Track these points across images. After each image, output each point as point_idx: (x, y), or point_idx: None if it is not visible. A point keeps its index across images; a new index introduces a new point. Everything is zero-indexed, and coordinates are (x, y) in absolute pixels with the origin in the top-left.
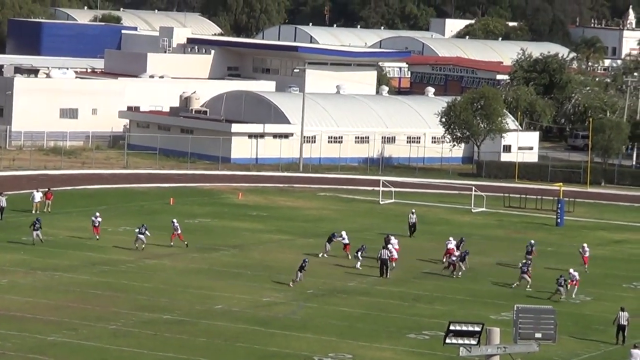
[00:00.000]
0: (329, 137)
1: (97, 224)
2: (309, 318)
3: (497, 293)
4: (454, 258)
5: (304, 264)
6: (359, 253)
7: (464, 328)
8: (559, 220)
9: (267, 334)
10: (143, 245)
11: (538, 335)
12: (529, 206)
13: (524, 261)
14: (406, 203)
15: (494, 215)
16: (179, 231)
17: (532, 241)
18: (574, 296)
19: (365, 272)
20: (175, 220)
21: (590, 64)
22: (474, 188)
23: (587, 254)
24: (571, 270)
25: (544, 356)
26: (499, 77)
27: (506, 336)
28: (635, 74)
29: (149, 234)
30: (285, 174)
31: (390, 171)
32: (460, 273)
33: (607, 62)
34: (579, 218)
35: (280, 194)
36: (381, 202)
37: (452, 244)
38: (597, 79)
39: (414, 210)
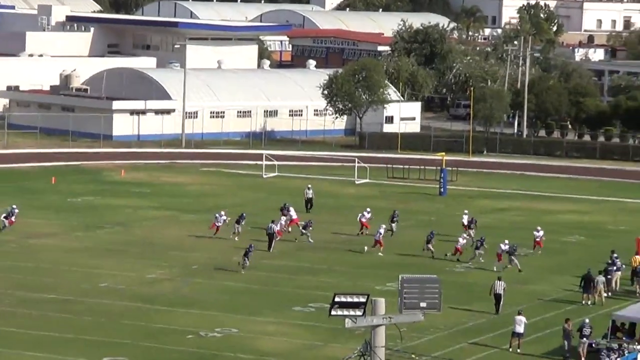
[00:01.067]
0: (211, 112)
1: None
2: (194, 294)
3: (381, 264)
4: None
5: (249, 249)
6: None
7: (349, 299)
8: (442, 189)
9: (152, 310)
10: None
11: (423, 304)
12: (412, 176)
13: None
14: (290, 176)
15: (378, 187)
16: (14, 217)
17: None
18: (539, 253)
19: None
20: (14, 206)
21: (470, 33)
22: (357, 160)
23: (540, 238)
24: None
25: (430, 325)
26: (380, 48)
27: (391, 306)
28: (515, 42)
29: (15, 214)
30: (168, 150)
31: (273, 145)
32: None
33: (487, 31)
34: (462, 187)
35: (163, 170)
36: (265, 176)
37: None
38: (477, 49)
39: (310, 186)
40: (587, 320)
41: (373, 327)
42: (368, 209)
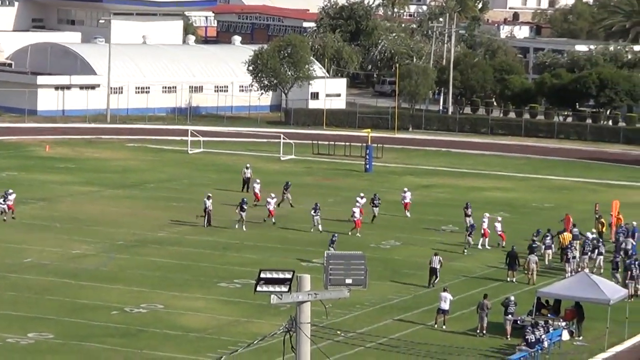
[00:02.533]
0: (136, 88)
1: None
2: (119, 269)
3: (308, 240)
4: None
5: (334, 239)
6: None
7: (275, 275)
8: (367, 166)
9: (77, 286)
10: None
11: (349, 281)
12: (337, 153)
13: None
14: (215, 152)
15: (303, 163)
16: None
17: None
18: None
19: (176, 222)
20: (11, 190)
21: (396, 10)
22: (282, 136)
23: (408, 200)
24: (405, 189)
25: (355, 302)
26: (305, 24)
27: (317, 283)
28: (441, 19)
29: None
30: (93, 125)
31: (198, 120)
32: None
33: (412, 8)
34: (388, 164)
35: (87, 146)
36: (190, 152)
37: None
38: (403, 25)
39: (248, 165)
40: (512, 298)
41: (298, 303)
42: (362, 194)
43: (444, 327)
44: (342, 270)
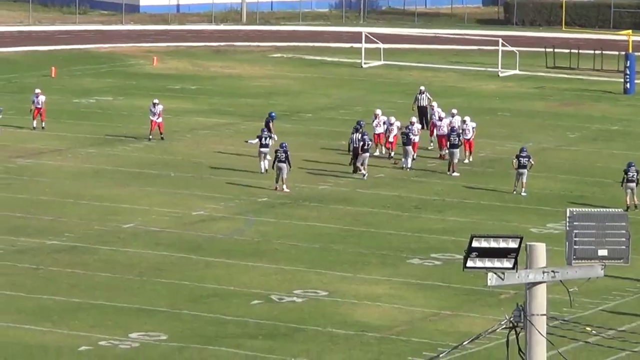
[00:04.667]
0: None
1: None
2: (262, 239)
3: (539, 195)
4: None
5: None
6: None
7: (494, 245)
8: (628, 85)
9: (200, 263)
10: None
11: (603, 252)
12: (583, 65)
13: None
14: (401, 65)
15: (532, 81)
16: (41, 106)
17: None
18: None
19: (343, 170)
20: (38, 91)
21: None
22: (501, 41)
23: None
24: None
25: (612, 286)
26: None
27: (556, 256)
28: None
29: None
30: (222, 27)
31: (376, 19)
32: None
33: None
34: None
35: (214, 57)
36: (364, 65)
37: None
38: None
39: (422, 89)
40: None
41: (529, 286)
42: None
43: None
44: (592, 237)
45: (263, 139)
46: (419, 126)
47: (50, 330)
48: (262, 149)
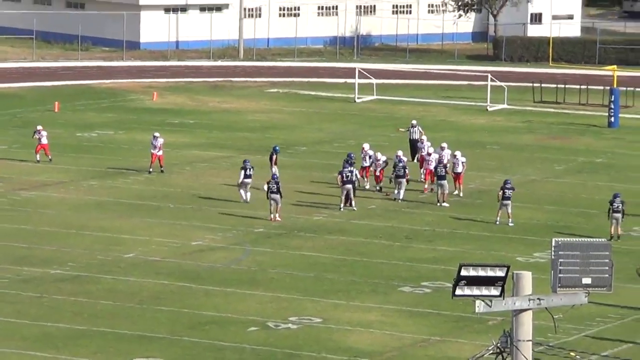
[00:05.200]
0: (280, 9)
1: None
2: (258, 268)
3: (526, 226)
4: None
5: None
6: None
7: (482, 273)
8: (612, 118)
9: (200, 291)
10: None
11: (587, 280)
12: (569, 100)
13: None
14: (393, 100)
15: (520, 115)
16: (44, 141)
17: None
18: None
19: (337, 200)
20: (40, 127)
21: None
22: (489, 76)
23: None
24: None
25: (596, 312)
26: None
27: (541, 284)
28: None
29: None
30: (219, 63)
31: (369, 55)
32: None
33: None
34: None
35: (212, 93)
36: (357, 100)
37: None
38: None
39: (415, 122)
40: None
41: (515, 313)
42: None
43: None
44: (577, 266)
45: (247, 169)
46: (405, 159)
47: (54, 356)
48: (245, 180)
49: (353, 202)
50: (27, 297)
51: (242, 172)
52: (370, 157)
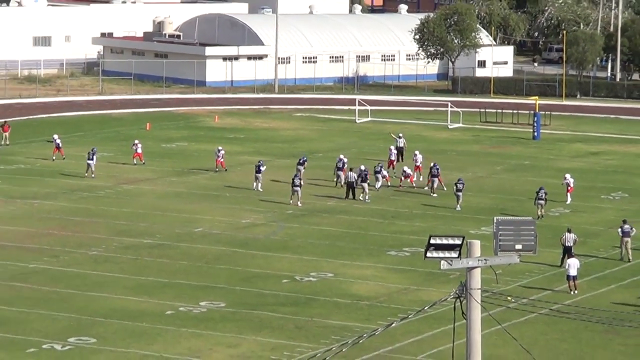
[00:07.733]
0: (303, 58)
1: (59, 145)
2: (289, 238)
3: (476, 208)
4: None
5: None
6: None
7: (445, 241)
8: (535, 133)
9: (247, 255)
10: (92, 175)
11: (518, 246)
12: (505, 121)
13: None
14: (383, 121)
15: (471, 131)
16: (139, 150)
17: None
18: (568, 202)
19: (340, 192)
20: (136, 141)
21: None
22: (449, 104)
23: (572, 185)
24: (567, 176)
25: (524, 269)
26: None
27: (486, 250)
28: None
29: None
30: (261, 95)
31: (365, 90)
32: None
33: None
34: (556, 131)
35: (256, 116)
36: (358, 121)
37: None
38: None
39: (401, 135)
40: None
41: (468, 269)
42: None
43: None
44: (512, 236)
45: (258, 167)
46: (386, 173)
47: (146, 300)
48: (257, 174)
49: (355, 196)
50: (127, 258)
51: (255, 169)
52: (342, 162)
